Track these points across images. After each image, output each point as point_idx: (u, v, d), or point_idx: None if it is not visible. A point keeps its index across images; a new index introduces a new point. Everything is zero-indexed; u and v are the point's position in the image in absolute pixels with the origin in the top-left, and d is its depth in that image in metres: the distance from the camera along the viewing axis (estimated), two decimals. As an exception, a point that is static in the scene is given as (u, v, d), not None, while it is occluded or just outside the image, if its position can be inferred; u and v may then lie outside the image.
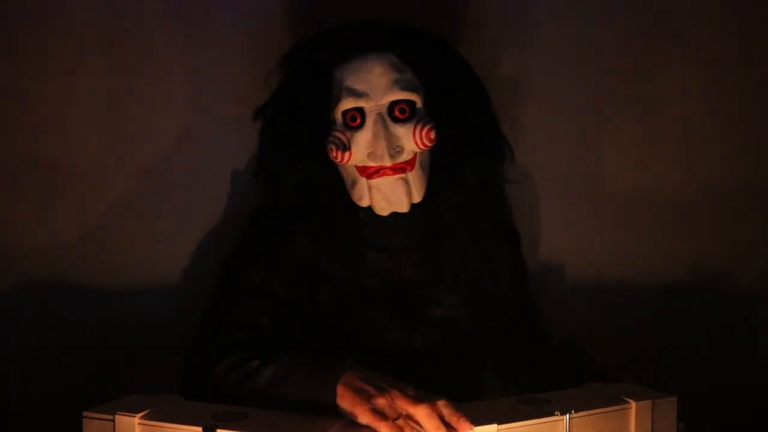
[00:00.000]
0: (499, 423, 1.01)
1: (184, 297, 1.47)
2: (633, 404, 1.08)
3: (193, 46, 1.44)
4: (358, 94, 1.18)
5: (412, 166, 1.20)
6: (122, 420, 0.98)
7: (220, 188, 1.47)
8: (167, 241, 1.47)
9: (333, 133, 1.20)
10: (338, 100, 1.20)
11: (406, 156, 1.19)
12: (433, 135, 1.19)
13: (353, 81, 1.19)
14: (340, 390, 1.02)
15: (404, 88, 1.18)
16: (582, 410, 1.06)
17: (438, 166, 1.22)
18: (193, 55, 1.43)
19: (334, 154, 1.20)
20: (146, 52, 1.44)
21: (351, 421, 1.01)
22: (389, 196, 1.20)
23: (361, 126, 1.19)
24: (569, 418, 1.04)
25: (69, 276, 1.46)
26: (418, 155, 1.21)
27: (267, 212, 1.31)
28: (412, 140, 1.18)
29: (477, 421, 0.99)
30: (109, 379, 1.46)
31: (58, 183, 1.45)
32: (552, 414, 1.04)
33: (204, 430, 0.94)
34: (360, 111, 1.19)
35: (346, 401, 1.01)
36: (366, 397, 1.00)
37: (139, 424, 0.98)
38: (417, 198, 1.21)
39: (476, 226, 1.26)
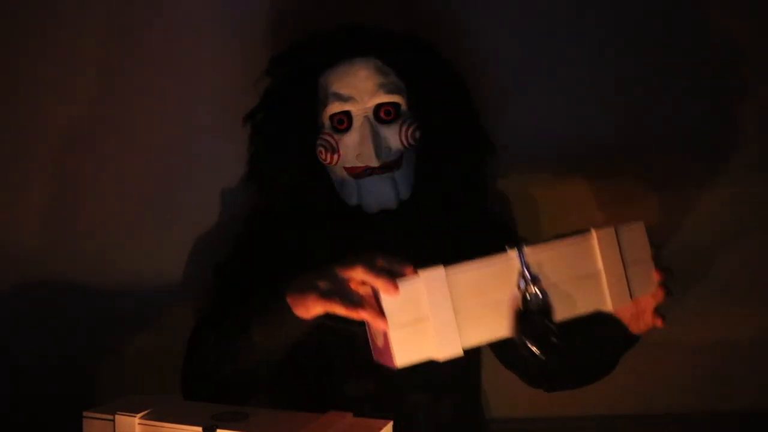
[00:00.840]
0: (446, 264, 0.98)
1: (184, 297, 1.47)
2: (593, 232, 1.04)
3: (184, 54, 1.44)
4: (344, 99, 1.22)
5: (399, 165, 1.24)
6: (122, 420, 0.98)
7: (218, 191, 1.48)
8: (167, 242, 1.47)
9: (321, 136, 1.24)
10: (325, 105, 1.24)
11: (392, 156, 1.23)
12: (417, 135, 1.23)
13: (339, 86, 1.23)
14: (290, 300, 1.02)
15: (389, 92, 1.22)
16: (536, 243, 1.02)
17: (423, 164, 1.26)
18: (185, 59, 1.44)
19: (323, 156, 1.24)
20: (142, 55, 1.44)
21: (351, 421, 1.01)
22: (378, 194, 1.23)
23: (348, 129, 1.23)
24: (522, 252, 1.00)
25: (69, 276, 1.46)
26: (404, 154, 1.24)
27: (259, 216, 1.33)
28: (398, 140, 1.23)
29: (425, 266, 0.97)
30: (109, 379, 1.47)
31: (57, 184, 1.45)
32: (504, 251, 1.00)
33: (204, 430, 0.94)
34: (347, 114, 1.23)
35: (299, 305, 1.02)
36: (311, 288, 1.00)
37: (139, 424, 0.97)
38: (404, 195, 1.25)
39: (463, 219, 1.28)
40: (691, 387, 1.53)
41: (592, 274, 1.05)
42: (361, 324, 0.99)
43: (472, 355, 1.33)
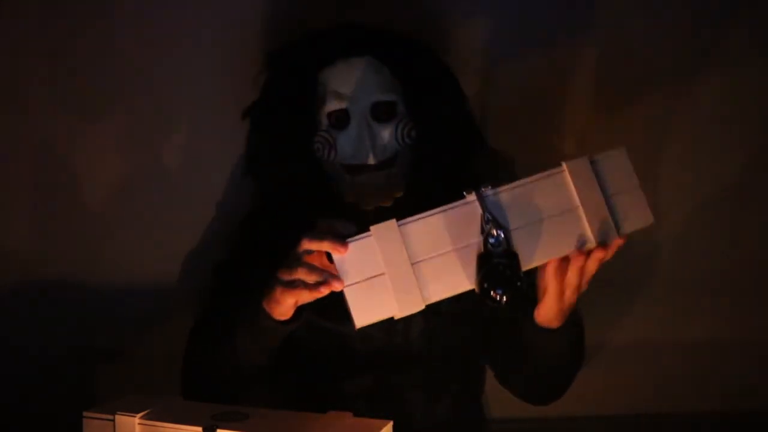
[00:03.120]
0: (398, 218, 0.95)
1: (184, 298, 1.47)
2: (564, 165, 0.96)
3: (183, 52, 1.44)
4: (342, 97, 1.24)
5: (394, 163, 1.25)
6: (122, 420, 0.98)
7: (218, 189, 1.48)
8: (167, 242, 1.47)
9: (319, 133, 1.26)
10: (323, 103, 1.25)
11: (388, 153, 1.24)
12: (413, 133, 1.25)
13: (337, 84, 1.24)
14: (265, 304, 1.04)
15: (386, 91, 1.24)
16: (499, 186, 0.95)
17: (418, 162, 1.27)
18: (184, 58, 1.44)
19: (321, 153, 1.25)
20: (142, 55, 1.44)
21: (351, 421, 1.01)
22: (373, 191, 1.24)
23: (345, 126, 1.24)
24: (482, 194, 0.94)
25: (69, 276, 1.46)
26: (399, 152, 1.25)
27: (256, 216, 1.35)
28: (393, 139, 1.24)
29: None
30: (108, 379, 1.47)
31: (57, 184, 1.45)
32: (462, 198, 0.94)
33: (204, 430, 0.94)
34: (344, 112, 1.25)
35: (272, 307, 1.03)
36: (275, 283, 1.01)
37: (139, 424, 0.97)
38: (399, 192, 1.26)
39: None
40: (690, 387, 1.53)
41: (568, 211, 0.97)
42: (347, 322, 0.96)
43: (472, 355, 1.33)
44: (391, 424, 1.00)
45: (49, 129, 1.44)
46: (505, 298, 0.92)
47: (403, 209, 1.23)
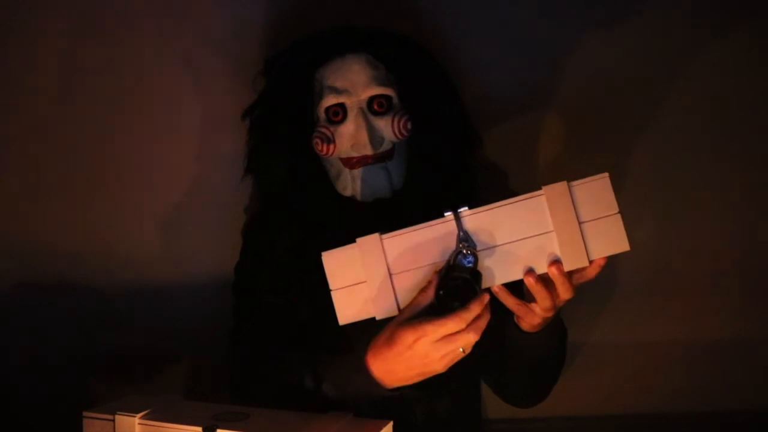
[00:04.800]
0: (382, 232, 1.04)
1: (184, 298, 1.47)
2: (543, 189, 0.99)
3: (184, 54, 1.45)
4: (339, 91, 1.26)
5: (392, 156, 1.27)
6: (122, 420, 0.98)
7: (218, 189, 1.48)
8: (167, 242, 1.48)
9: (317, 128, 1.27)
10: (321, 98, 1.27)
11: (386, 146, 1.26)
12: (409, 126, 1.26)
13: (334, 80, 1.26)
14: (378, 375, 1.05)
15: (381, 84, 1.26)
16: (478, 206, 1.00)
17: (415, 155, 1.30)
18: (185, 60, 1.45)
19: (320, 148, 1.27)
20: (142, 55, 1.44)
21: (351, 421, 1.01)
22: (372, 183, 1.26)
23: (343, 120, 1.26)
24: (458, 216, 1.00)
25: (69, 276, 1.46)
26: (396, 145, 1.27)
27: (259, 220, 1.36)
28: (390, 131, 1.26)
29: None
30: (109, 379, 1.47)
31: (59, 184, 1.45)
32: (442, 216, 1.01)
33: (204, 430, 0.94)
34: (342, 106, 1.26)
35: (396, 381, 1.05)
36: (432, 369, 1.04)
37: (139, 424, 0.98)
38: (398, 185, 1.28)
39: (454, 207, 1.29)
40: (689, 386, 1.53)
41: (542, 234, 1.00)
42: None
43: (471, 355, 1.33)
44: (390, 424, 1.00)
45: (50, 128, 1.44)
46: (457, 308, 0.99)
47: (401, 202, 1.27)
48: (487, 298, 1.00)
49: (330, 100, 1.26)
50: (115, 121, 1.45)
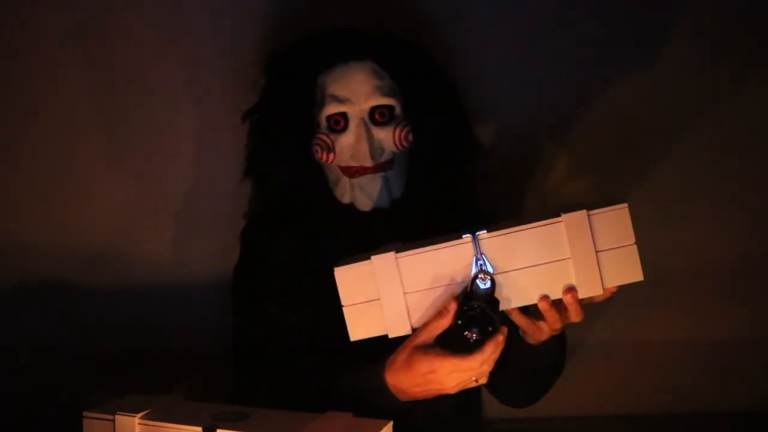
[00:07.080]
0: (397, 251, 1.02)
1: (184, 299, 1.47)
2: (562, 216, 0.99)
3: (184, 55, 1.45)
4: (341, 100, 1.25)
5: (392, 166, 1.26)
6: (122, 420, 0.98)
7: (218, 192, 1.48)
8: (168, 242, 1.48)
9: (318, 135, 1.26)
10: (323, 106, 1.26)
11: (386, 156, 1.26)
12: (410, 137, 1.26)
13: (336, 88, 1.25)
14: (397, 392, 1.07)
15: (384, 94, 1.25)
16: (496, 230, 0.99)
17: (415, 165, 1.29)
18: (186, 61, 1.45)
19: (320, 155, 1.26)
20: (142, 55, 1.44)
21: (351, 421, 1.01)
22: (371, 193, 1.26)
23: (344, 129, 1.25)
24: (476, 239, 0.99)
25: (70, 276, 1.46)
26: (396, 155, 1.26)
27: (258, 224, 1.36)
28: (391, 142, 1.25)
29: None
30: (109, 379, 1.47)
31: (59, 185, 1.45)
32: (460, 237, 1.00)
33: (204, 430, 0.94)
34: (343, 115, 1.25)
35: (414, 395, 1.07)
36: (446, 388, 1.05)
37: (139, 424, 0.97)
38: (397, 194, 1.27)
39: (453, 218, 1.29)
40: (689, 387, 1.53)
41: (559, 260, 1.01)
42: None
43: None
44: (390, 424, 1.00)
45: (50, 128, 1.44)
46: (475, 338, 1.00)
47: (401, 211, 1.27)
48: (504, 334, 1.01)
49: (332, 109, 1.25)
50: (114, 121, 1.45)
